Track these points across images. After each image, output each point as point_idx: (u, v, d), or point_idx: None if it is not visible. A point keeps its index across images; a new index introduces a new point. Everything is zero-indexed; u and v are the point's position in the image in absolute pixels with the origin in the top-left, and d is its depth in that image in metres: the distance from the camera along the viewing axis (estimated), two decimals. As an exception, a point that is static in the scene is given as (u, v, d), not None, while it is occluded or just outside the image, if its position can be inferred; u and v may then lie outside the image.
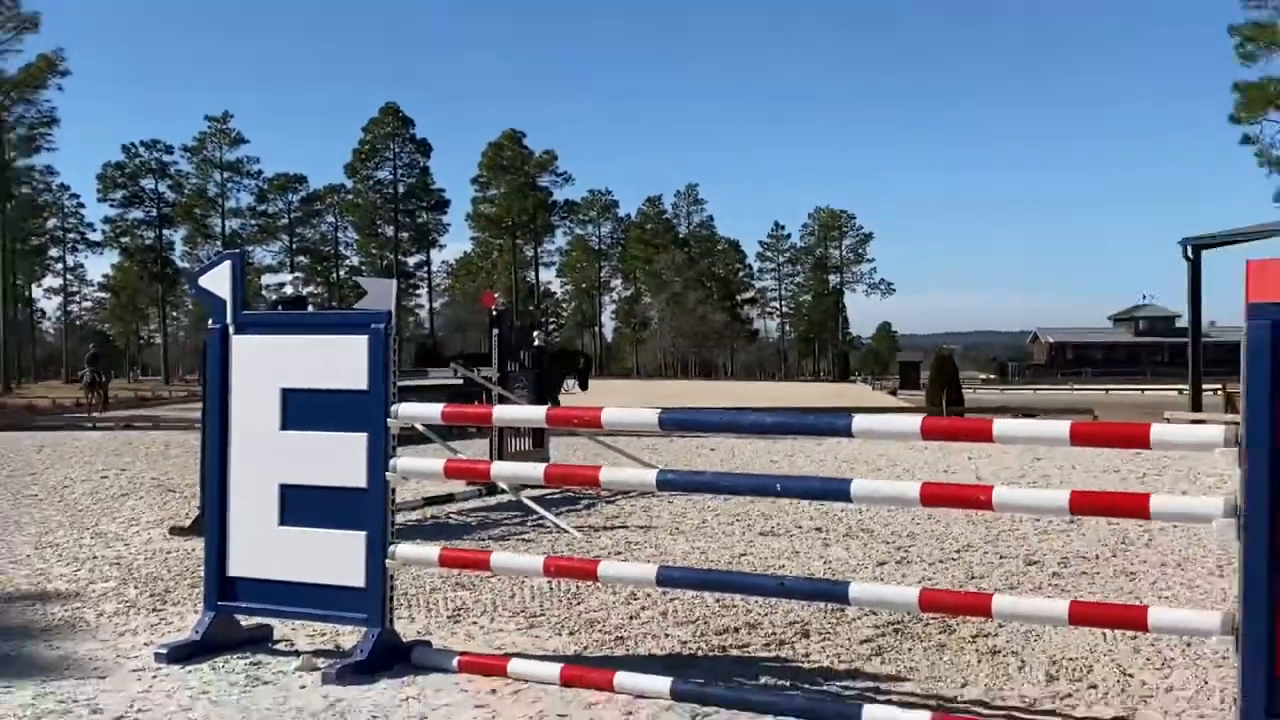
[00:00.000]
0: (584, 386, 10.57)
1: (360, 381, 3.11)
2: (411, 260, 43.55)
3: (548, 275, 47.70)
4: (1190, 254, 15.44)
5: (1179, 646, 3.34)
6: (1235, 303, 2.29)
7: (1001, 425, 3.06)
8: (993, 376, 41.74)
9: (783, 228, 49.40)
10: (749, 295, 48.99)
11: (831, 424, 4.10)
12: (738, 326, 46.75)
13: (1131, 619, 2.82)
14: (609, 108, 74.22)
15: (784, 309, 49.36)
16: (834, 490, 3.19)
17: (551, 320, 45.80)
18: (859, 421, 2.97)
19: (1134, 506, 2.89)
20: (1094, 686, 3.03)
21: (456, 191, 43.40)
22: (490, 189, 42.48)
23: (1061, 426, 2.94)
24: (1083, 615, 2.81)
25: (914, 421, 3.01)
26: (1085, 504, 2.89)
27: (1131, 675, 3.13)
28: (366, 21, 72.02)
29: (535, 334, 9.12)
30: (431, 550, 3.55)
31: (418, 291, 44.32)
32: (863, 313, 45.93)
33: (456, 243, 43.24)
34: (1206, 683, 2.94)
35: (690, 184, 48.49)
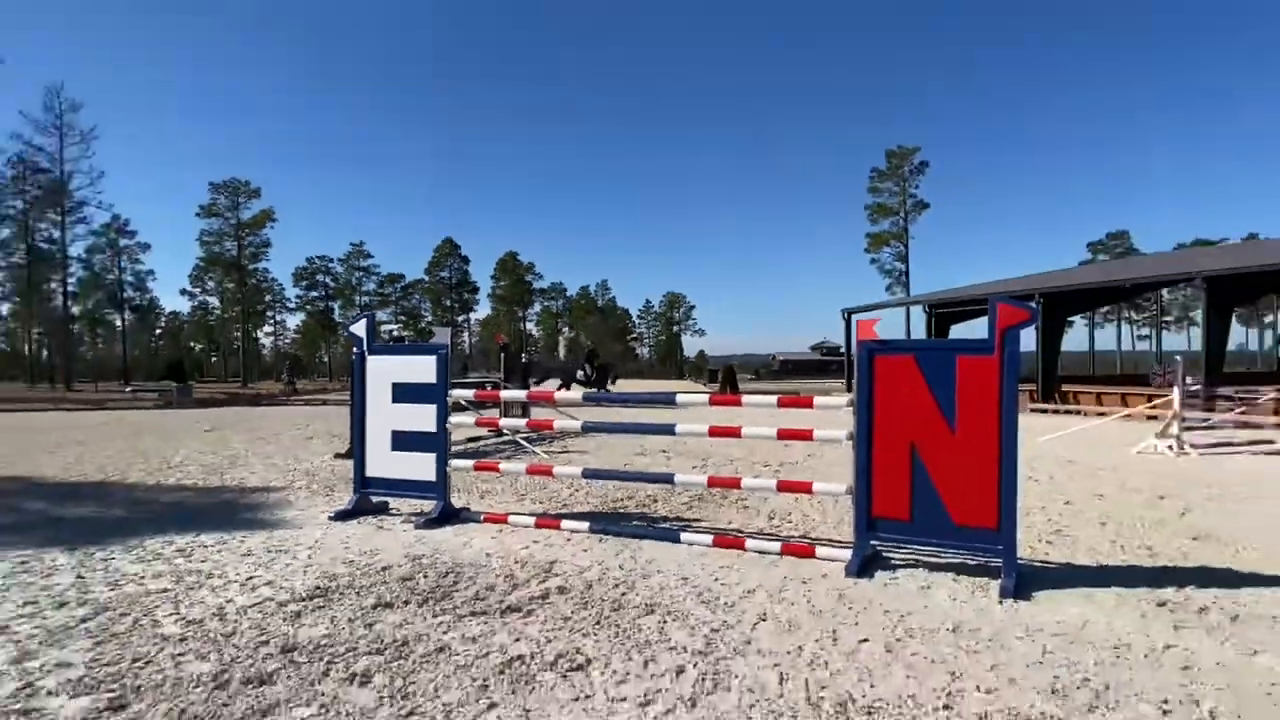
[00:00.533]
0: (601, 384, 17.04)
1: (432, 378, 5.75)
2: (459, 318, 79.64)
3: (531, 327, 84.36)
4: (845, 317, 27.01)
5: (830, 501, 6.24)
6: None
7: (747, 399, 5.91)
8: (753, 377, 64.41)
9: (650, 303, 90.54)
10: (633, 337, 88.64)
11: (668, 397, 6.89)
12: (628, 354, 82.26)
13: (806, 488, 5.37)
14: (566, 239, 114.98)
15: (650, 345, 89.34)
16: (668, 428, 5.95)
17: (533, 349, 78.72)
18: (680, 398, 5.80)
19: (808, 434, 5.64)
20: (789, 520, 5.91)
21: (483, 281, 79.54)
22: (501, 281, 78.57)
23: (772, 399, 5.78)
24: (784, 486, 5.39)
25: (705, 398, 5.83)
26: (785, 434, 5.61)
27: (808, 515, 6.04)
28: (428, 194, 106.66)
29: (523, 356, 13.88)
30: (469, 463, 6.30)
31: (462, 335, 79.33)
32: (691, 346, 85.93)
33: (484, 309, 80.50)
34: (842, 520, 5.74)
35: (603, 278, 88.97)
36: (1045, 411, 19.74)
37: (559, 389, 15.91)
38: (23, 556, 4.70)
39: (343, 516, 5.84)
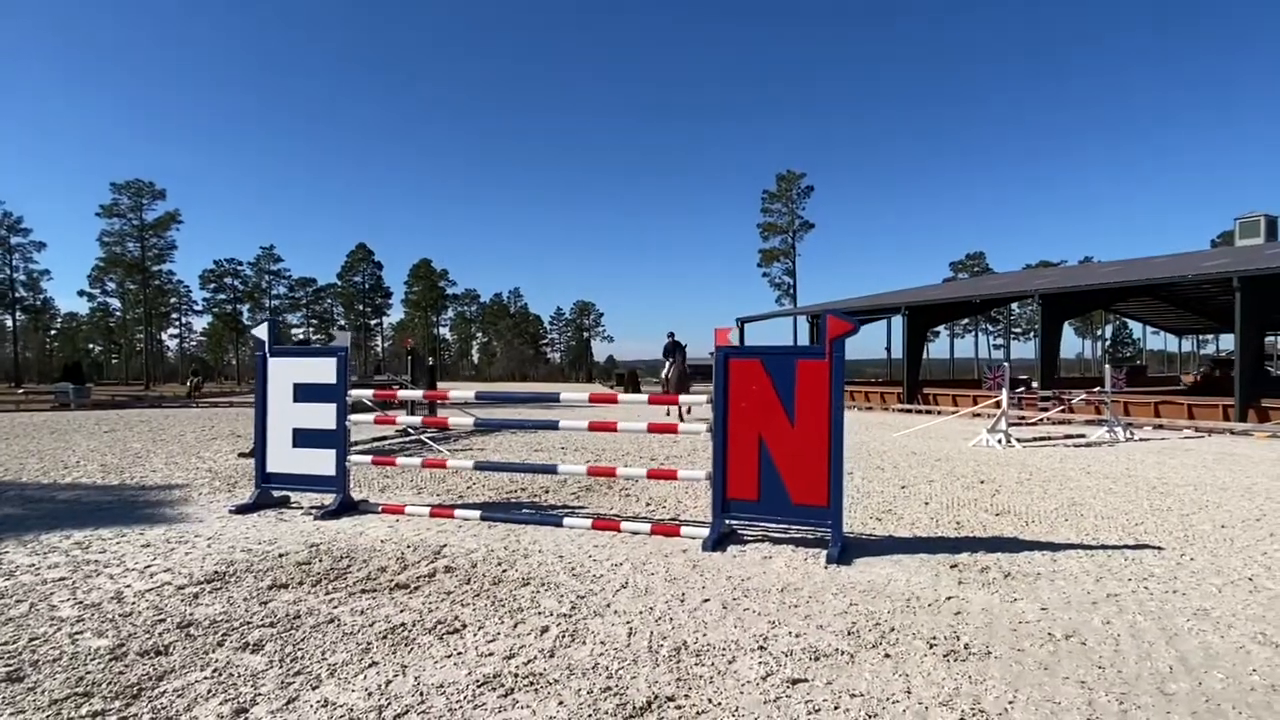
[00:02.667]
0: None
1: (332, 379, 5.83)
2: (373, 322, 78.04)
3: (444, 331, 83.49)
4: (739, 325, 28.83)
5: (702, 488, 6.67)
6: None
7: (623, 398, 6.26)
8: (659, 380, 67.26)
9: (561, 310, 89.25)
10: (545, 341, 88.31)
11: (550, 395, 7.18)
12: (539, 358, 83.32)
13: (672, 475, 5.75)
14: (480, 241, 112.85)
15: (562, 350, 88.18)
16: (553, 424, 6.21)
17: (445, 353, 79.82)
18: (564, 396, 6.09)
19: (673, 430, 6.06)
20: (665, 506, 6.30)
21: (396, 286, 76.59)
22: (414, 287, 76.33)
23: (643, 397, 6.16)
24: (653, 474, 5.76)
25: (586, 396, 6.15)
26: (654, 429, 6.01)
27: (681, 501, 6.45)
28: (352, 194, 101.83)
29: (430, 360, 13.80)
30: (367, 458, 6.37)
31: (374, 339, 77.59)
32: (601, 351, 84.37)
33: (397, 314, 77.88)
34: (698, 499, 6.15)
35: (515, 286, 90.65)
36: (910, 411, 21.05)
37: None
38: (-92, 553, 4.52)
39: (244, 510, 5.83)
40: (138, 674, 2.74)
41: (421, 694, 2.61)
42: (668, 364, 17.45)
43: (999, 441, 11.04)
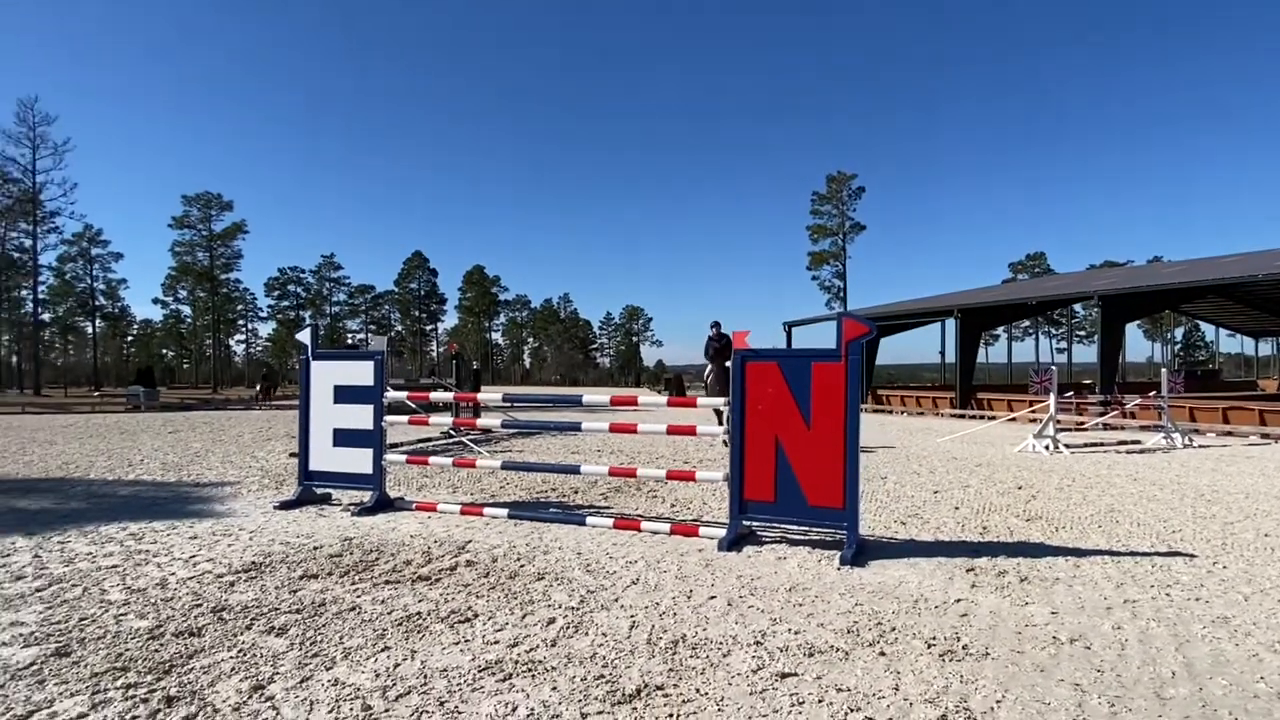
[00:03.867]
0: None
1: (370, 381, 6.10)
2: (428, 327, 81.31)
3: (497, 336, 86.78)
4: (786, 329, 29.04)
5: (714, 488, 6.74)
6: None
7: (644, 399, 6.34)
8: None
9: (611, 315, 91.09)
10: (595, 346, 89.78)
11: (573, 398, 7.27)
12: (588, 362, 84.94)
13: (690, 476, 5.84)
14: (536, 251, 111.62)
15: (611, 354, 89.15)
16: (575, 426, 6.35)
17: (498, 357, 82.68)
18: (587, 399, 6.23)
19: (692, 430, 6.12)
20: (689, 507, 6.37)
21: (451, 292, 79.90)
22: (468, 293, 79.04)
23: (663, 399, 6.24)
24: (673, 476, 5.89)
25: (607, 399, 6.26)
26: (674, 430, 6.07)
27: (707, 503, 6.51)
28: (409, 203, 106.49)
29: (474, 364, 14.34)
30: (402, 456, 6.62)
31: (430, 344, 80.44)
32: (650, 355, 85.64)
33: (451, 319, 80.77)
34: (725, 502, 6.20)
35: (565, 292, 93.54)
36: (961, 416, 20.57)
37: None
38: (-16, 541, 4.92)
39: (286, 506, 6.14)
40: (170, 652, 2.97)
41: (425, 676, 2.76)
42: (709, 366, 17.37)
43: (1045, 447, 10.75)
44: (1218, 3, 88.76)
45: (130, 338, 71.83)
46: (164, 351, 72.95)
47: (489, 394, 7.08)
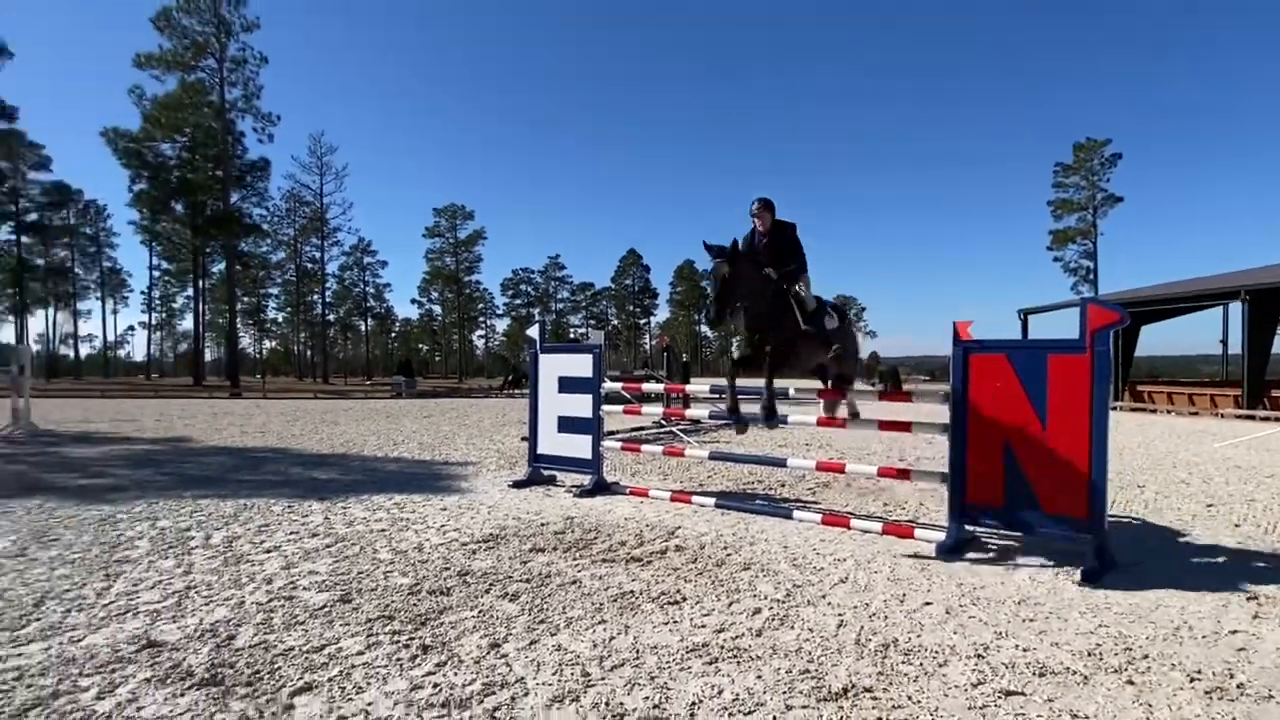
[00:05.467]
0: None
1: (588, 372, 6.53)
2: (641, 321, 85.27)
3: (706, 329, 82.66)
4: (1022, 318, 25.50)
5: (931, 489, 6.25)
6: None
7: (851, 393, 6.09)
8: (928, 379, 47.25)
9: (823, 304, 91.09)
10: None
11: (779, 391, 7.18)
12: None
13: (905, 474, 5.56)
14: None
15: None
16: (781, 420, 6.24)
17: (707, 349, 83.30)
18: (791, 391, 6.13)
19: (906, 427, 5.71)
20: (904, 507, 6.03)
21: (662, 287, 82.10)
22: (678, 287, 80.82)
23: (873, 393, 5.93)
24: (884, 473, 5.51)
25: (814, 392, 6.09)
26: (886, 427, 5.75)
27: (924, 504, 6.11)
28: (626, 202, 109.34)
29: (684, 356, 14.61)
30: (617, 443, 7.00)
31: (643, 338, 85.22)
32: (864, 347, 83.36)
33: (663, 313, 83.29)
34: (943, 504, 5.73)
35: None
36: (1250, 418, 17.30)
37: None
38: (289, 503, 5.99)
39: (518, 485, 6.76)
40: (425, 607, 3.43)
41: (637, 651, 2.93)
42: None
43: (1371, 458, 8.74)
44: None
45: (393, 334, 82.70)
46: (420, 346, 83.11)
47: (697, 385, 7.27)
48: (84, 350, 66.74)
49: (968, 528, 4.65)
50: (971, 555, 4.41)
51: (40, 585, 3.73)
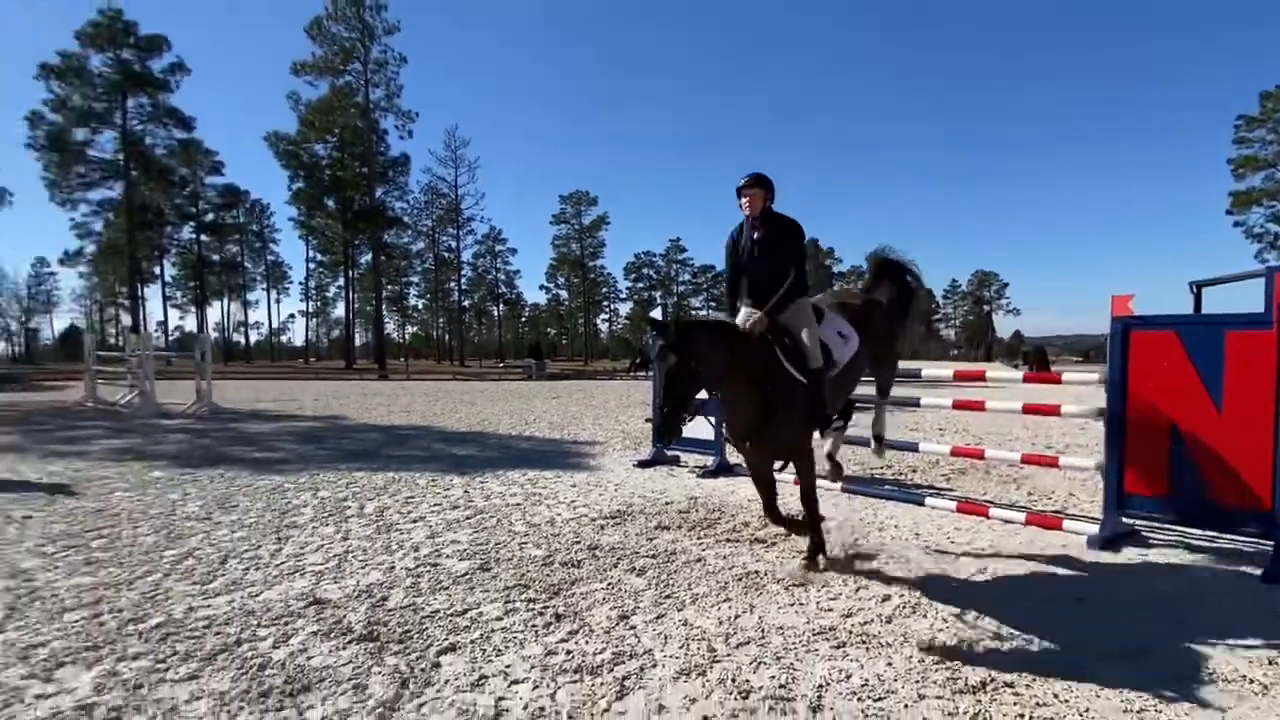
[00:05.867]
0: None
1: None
2: None
3: None
4: (1194, 290, 20.26)
5: (1083, 478, 5.83)
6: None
7: (991, 374, 5.70)
8: (1081, 360, 48.26)
9: (957, 282, 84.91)
10: (938, 317, 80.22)
11: (910, 372, 6.86)
12: (929, 335, 71.70)
13: (1053, 462, 5.18)
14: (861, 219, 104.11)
15: (957, 325, 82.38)
16: (913, 402, 5.97)
17: None
18: (925, 372, 5.84)
19: (1054, 410, 5.25)
20: (1050, 497, 5.62)
21: None
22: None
23: (1018, 375, 5.53)
24: (1028, 460, 5.16)
25: (950, 372, 5.79)
26: (1030, 409, 5.33)
27: (1073, 494, 5.66)
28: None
29: None
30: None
31: None
32: (1005, 326, 78.23)
33: None
34: (1095, 495, 5.19)
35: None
36: None
37: None
38: (433, 477, 6.41)
39: (643, 465, 6.90)
40: (558, 578, 3.59)
41: (763, 630, 2.93)
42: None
43: None
44: None
45: (523, 319, 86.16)
46: (548, 330, 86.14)
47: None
48: (253, 337, 74.07)
49: (1125, 520, 4.29)
50: (1129, 551, 4.07)
51: (224, 545, 4.22)
